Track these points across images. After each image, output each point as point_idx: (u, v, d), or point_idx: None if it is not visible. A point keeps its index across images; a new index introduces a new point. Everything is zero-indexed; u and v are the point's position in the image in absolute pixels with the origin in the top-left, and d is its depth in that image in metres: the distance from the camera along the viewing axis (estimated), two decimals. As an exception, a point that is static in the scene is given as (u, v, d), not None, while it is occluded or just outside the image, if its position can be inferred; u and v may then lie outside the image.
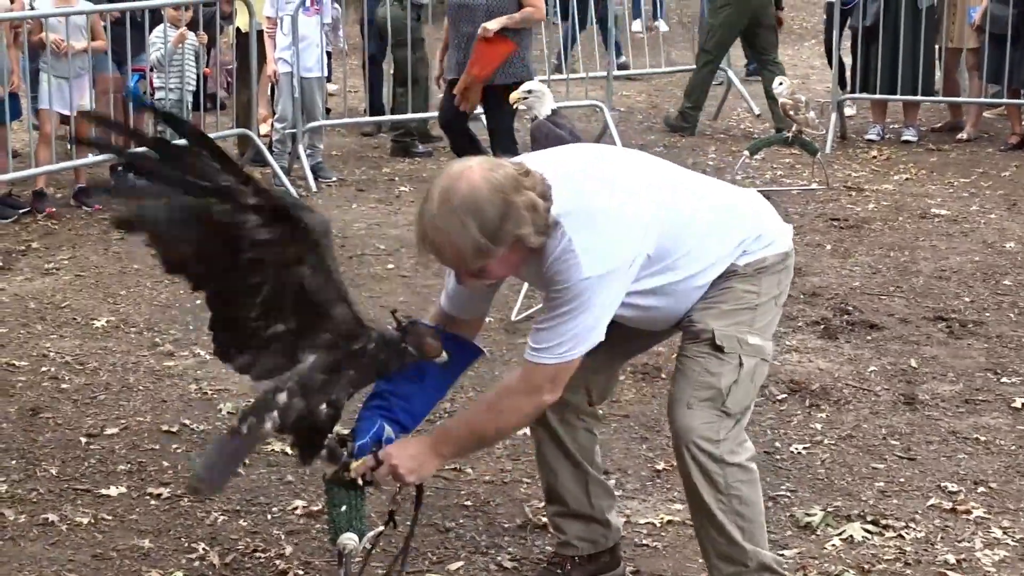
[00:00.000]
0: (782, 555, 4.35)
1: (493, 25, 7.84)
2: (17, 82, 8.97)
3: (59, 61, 9.02)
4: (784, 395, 5.79)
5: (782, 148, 10.33)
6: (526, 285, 6.92)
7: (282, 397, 3.66)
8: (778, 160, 10.49)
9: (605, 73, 11.99)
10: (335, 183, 10.11)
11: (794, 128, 9.68)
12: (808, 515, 4.65)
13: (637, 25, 16.09)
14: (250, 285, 3.50)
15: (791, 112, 9.67)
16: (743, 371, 3.68)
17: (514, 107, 6.94)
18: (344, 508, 3.87)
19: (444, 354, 3.77)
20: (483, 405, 3.89)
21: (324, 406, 3.71)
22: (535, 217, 3.36)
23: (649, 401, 5.70)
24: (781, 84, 9.82)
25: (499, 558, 4.37)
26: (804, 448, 5.25)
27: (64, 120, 9.31)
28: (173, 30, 9.54)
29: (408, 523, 3.94)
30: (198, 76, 9.98)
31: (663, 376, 5.89)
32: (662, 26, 16.12)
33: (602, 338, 3.52)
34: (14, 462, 5.12)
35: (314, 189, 9.77)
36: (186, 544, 4.48)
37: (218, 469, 3.81)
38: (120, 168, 9.61)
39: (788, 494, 4.86)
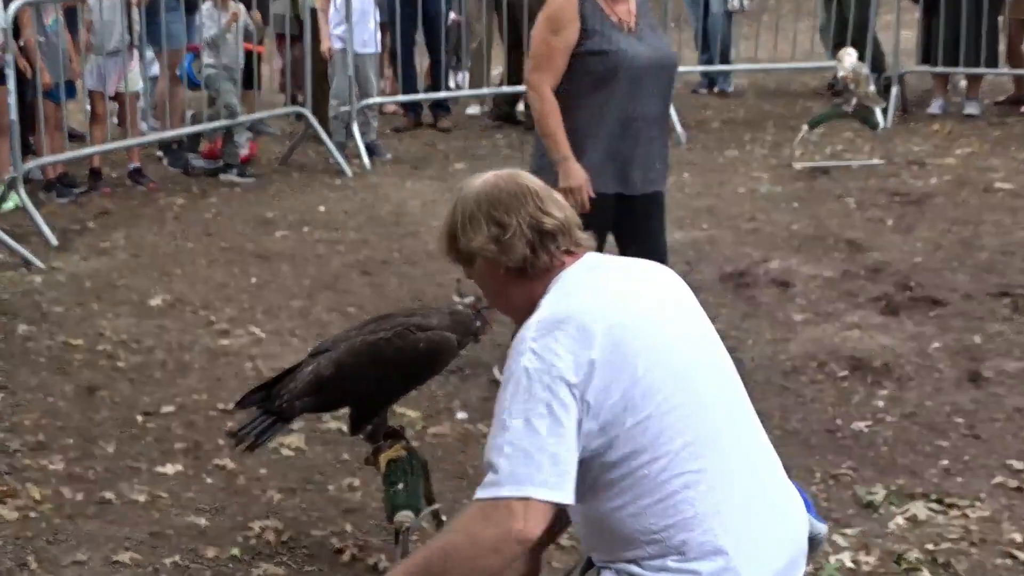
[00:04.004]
0: (844, 534, 4.32)
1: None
2: (77, 70, 8.99)
3: (96, 40, 9.02)
4: (846, 372, 5.74)
5: (842, 122, 10.23)
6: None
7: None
8: (838, 135, 10.39)
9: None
10: (389, 161, 10.11)
11: (855, 102, 9.58)
12: (870, 493, 4.61)
13: None
14: None
15: (851, 85, 9.57)
16: None
17: None
18: (401, 486, 3.87)
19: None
20: None
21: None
22: (502, 235, 2.88)
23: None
24: (850, 55, 9.69)
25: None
26: (866, 426, 5.20)
27: (112, 99, 9.34)
28: (223, 11, 9.52)
29: None
30: (250, 55, 9.99)
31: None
32: None
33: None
34: (71, 440, 5.15)
35: (368, 167, 9.77)
36: (242, 522, 4.49)
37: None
38: (172, 146, 9.73)
39: (850, 472, 4.81)
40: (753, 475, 2.82)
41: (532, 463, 2.61)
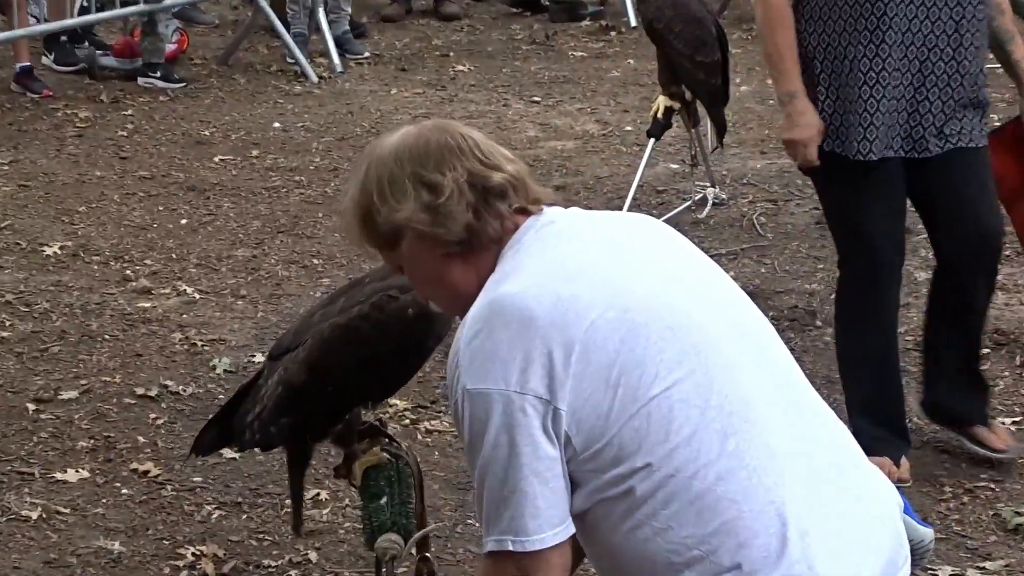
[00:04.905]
0: (983, 568, 4.31)
1: None
2: None
3: None
4: (986, 350, 5.71)
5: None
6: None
7: None
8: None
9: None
10: (367, 60, 10.09)
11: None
12: (1018, 514, 4.61)
13: None
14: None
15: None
16: None
17: None
18: (384, 500, 3.86)
19: None
20: None
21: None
22: (437, 198, 2.89)
23: (800, 356, 5.64)
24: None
25: None
26: (1013, 423, 5.21)
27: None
28: None
29: None
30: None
31: (818, 323, 5.85)
32: None
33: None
34: (-61, 436, 5.18)
35: (339, 69, 9.74)
36: (170, 547, 4.50)
37: None
38: (63, 39, 9.70)
39: (991, 486, 4.82)
40: (808, 452, 2.83)
41: (509, 509, 2.74)
